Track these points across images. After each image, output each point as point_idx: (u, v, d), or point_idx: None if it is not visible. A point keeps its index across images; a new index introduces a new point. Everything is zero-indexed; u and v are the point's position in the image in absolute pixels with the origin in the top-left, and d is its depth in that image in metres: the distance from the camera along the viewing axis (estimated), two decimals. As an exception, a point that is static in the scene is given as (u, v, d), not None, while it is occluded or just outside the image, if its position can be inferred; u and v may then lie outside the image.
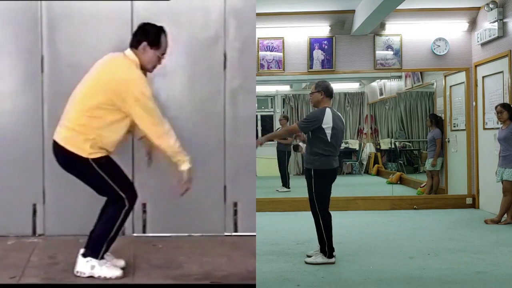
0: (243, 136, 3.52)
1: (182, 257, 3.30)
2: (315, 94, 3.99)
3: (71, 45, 3.38)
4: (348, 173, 9.37)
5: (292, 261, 4.03)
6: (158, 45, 2.85)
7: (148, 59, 2.85)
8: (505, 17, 5.82)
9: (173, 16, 3.40)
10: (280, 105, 9.41)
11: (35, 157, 3.48)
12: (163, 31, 2.89)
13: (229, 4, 3.45)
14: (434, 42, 6.63)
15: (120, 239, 3.09)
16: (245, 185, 3.48)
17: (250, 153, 3.49)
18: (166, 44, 2.90)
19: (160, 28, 2.89)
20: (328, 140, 3.87)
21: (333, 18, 6.59)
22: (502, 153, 5.43)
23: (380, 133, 9.23)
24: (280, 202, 6.73)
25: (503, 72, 5.85)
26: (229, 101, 3.49)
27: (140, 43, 2.83)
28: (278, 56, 6.68)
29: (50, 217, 3.54)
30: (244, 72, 3.48)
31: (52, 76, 3.43)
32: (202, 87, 3.48)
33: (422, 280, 3.48)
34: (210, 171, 3.46)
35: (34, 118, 3.47)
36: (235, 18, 3.45)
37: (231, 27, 3.44)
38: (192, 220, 3.56)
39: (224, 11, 3.44)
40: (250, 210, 3.45)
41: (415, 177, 8.14)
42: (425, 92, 8.04)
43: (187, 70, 3.48)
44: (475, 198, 6.60)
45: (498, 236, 4.87)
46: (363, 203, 6.67)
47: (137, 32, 2.87)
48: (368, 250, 4.35)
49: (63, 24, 3.41)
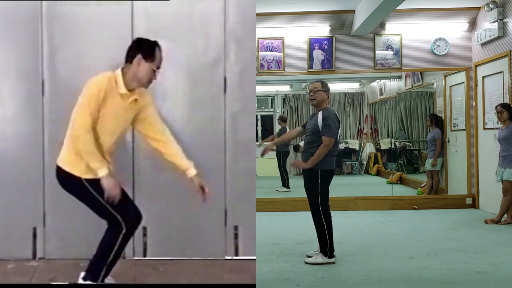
0: (243, 160, 3.50)
1: (182, 281, 3.28)
2: (321, 93, 3.97)
3: (72, 69, 3.38)
4: (348, 173, 9.37)
5: (292, 261, 4.03)
6: (152, 57, 2.83)
7: (143, 72, 2.82)
8: (505, 17, 5.82)
9: (174, 40, 3.42)
10: (280, 105, 9.41)
11: (35, 180, 3.48)
12: (157, 45, 2.89)
13: (229, 28, 3.46)
14: (434, 42, 6.63)
15: (121, 262, 3.08)
16: (246, 209, 3.47)
17: (250, 177, 3.48)
18: (160, 58, 2.89)
19: (154, 42, 2.89)
20: (336, 141, 3.91)
21: (333, 18, 6.59)
22: (502, 153, 5.43)
23: (380, 133, 9.23)
24: (280, 202, 6.74)
25: (503, 72, 5.86)
26: (230, 125, 3.50)
27: (134, 56, 2.82)
28: (278, 56, 6.68)
29: (50, 241, 3.52)
30: (244, 96, 3.48)
31: (52, 100, 3.45)
32: (203, 111, 3.50)
33: (422, 280, 3.48)
34: (211, 195, 3.46)
35: (35, 142, 3.47)
36: (235, 42, 3.46)
37: (231, 51, 3.45)
38: (193, 243, 3.55)
39: (224, 35, 3.45)
40: (251, 234, 3.45)
41: (415, 177, 8.14)
42: (425, 92, 8.04)
43: (188, 93, 3.49)
44: (475, 198, 6.60)
45: (498, 236, 4.87)
46: (363, 203, 6.67)
47: (131, 46, 2.86)
48: (368, 250, 4.35)
49: (63, 49, 3.43)
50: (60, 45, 3.43)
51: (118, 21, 3.41)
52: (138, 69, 2.81)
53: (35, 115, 3.46)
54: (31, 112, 3.46)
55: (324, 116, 3.88)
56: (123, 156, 3.41)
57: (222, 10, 3.45)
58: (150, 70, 2.83)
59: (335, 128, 3.87)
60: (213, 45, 3.46)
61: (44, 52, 3.44)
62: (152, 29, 3.35)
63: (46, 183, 3.47)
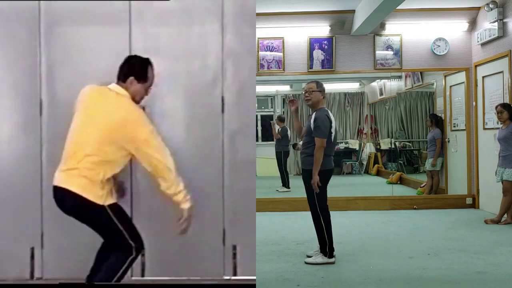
0: (242, 179, 3.47)
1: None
2: (317, 93, 3.99)
3: (70, 89, 3.31)
4: (348, 173, 9.37)
5: (292, 261, 4.03)
6: (145, 78, 2.87)
7: (135, 92, 2.86)
8: (505, 17, 5.82)
9: (172, 59, 3.42)
10: (280, 105, 9.41)
11: (33, 201, 3.45)
12: (149, 63, 2.90)
13: (226, 47, 3.46)
14: (434, 42, 6.63)
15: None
16: (245, 228, 3.43)
17: (249, 197, 3.43)
18: (153, 76, 2.92)
19: (146, 60, 2.90)
20: (331, 141, 3.91)
21: (333, 18, 6.59)
22: (502, 153, 5.43)
23: (380, 133, 9.23)
24: (280, 202, 6.74)
25: (503, 72, 5.86)
26: (228, 144, 3.49)
27: (127, 77, 2.84)
28: (278, 56, 6.68)
29: (48, 261, 3.49)
30: (242, 115, 3.48)
31: (50, 119, 3.44)
32: (201, 130, 3.50)
33: (422, 280, 3.48)
34: (209, 214, 3.45)
35: (33, 162, 3.45)
36: (233, 61, 3.47)
37: (228, 70, 3.47)
38: (191, 263, 3.53)
39: (222, 54, 3.46)
40: (250, 253, 3.40)
41: (415, 177, 8.14)
42: (425, 92, 8.04)
43: (186, 112, 3.49)
44: (475, 198, 6.60)
45: (498, 236, 4.87)
46: (363, 203, 6.67)
47: (123, 66, 2.88)
48: (368, 250, 4.35)
49: (61, 68, 3.42)
50: (58, 64, 3.44)
51: (116, 41, 3.39)
52: (131, 89, 2.85)
53: (33, 135, 3.45)
54: (29, 132, 3.45)
55: (315, 117, 3.92)
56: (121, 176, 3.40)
57: (219, 30, 3.47)
58: (143, 89, 2.88)
59: (325, 128, 3.86)
60: (211, 64, 3.48)
61: (42, 72, 3.45)
62: (150, 49, 3.36)
63: (44, 203, 3.44)
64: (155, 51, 3.36)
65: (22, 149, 3.45)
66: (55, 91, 3.42)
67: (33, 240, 3.48)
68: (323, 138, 3.85)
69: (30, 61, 3.44)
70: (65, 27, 3.42)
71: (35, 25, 3.43)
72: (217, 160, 3.50)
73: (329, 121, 3.90)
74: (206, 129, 3.50)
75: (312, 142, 3.89)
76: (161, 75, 3.19)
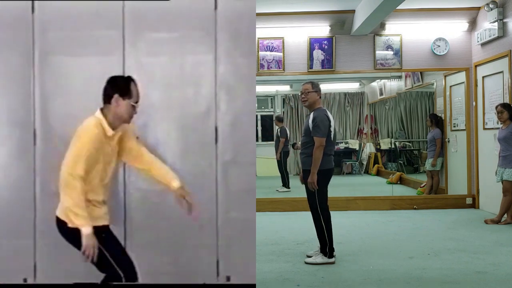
0: (237, 209, 3.41)
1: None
2: (313, 93, 4.00)
3: (63, 119, 3.33)
4: (348, 173, 9.37)
5: (292, 261, 4.03)
6: (129, 94, 2.86)
7: (123, 111, 2.86)
8: (505, 17, 5.82)
9: (165, 90, 3.42)
10: (280, 105, 9.41)
11: (26, 231, 3.40)
12: (132, 80, 2.91)
13: (220, 78, 3.46)
14: (434, 42, 6.63)
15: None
16: (241, 259, 3.34)
17: (249, 226, 3.34)
18: (137, 92, 2.91)
19: (128, 77, 2.92)
20: (331, 139, 3.91)
21: (333, 18, 6.59)
22: (502, 153, 5.43)
23: (380, 133, 9.24)
24: (280, 202, 6.74)
25: (503, 72, 5.86)
26: (221, 174, 3.46)
27: (111, 96, 2.84)
28: (278, 56, 6.68)
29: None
30: (237, 145, 3.46)
31: (44, 149, 3.39)
32: (194, 160, 3.48)
33: (422, 280, 3.48)
34: (202, 245, 3.43)
35: (26, 192, 3.40)
36: (227, 92, 3.46)
37: (222, 101, 3.47)
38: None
39: (215, 85, 3.46)
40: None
41: (415, 177, 8.14)
42: (425, 92, 8.04)
43: (179, 143, 3.48)
44: (475, 198, 6.60)
45: (498, 236, 4.87)
46: (363, 203, 6.67)
47: (106, 87, 2.88)
48: (368, 250, 4.35)
49: (55, 98, 3.40)
50: (51, 94, 3.42)
51: (110, 70, 3.30)
52: (118, 108, 2.84)
53: (27, 164, 3.41)
54: (23, 161, 3.41)
55: (313, 116, 3.94)
56: (115, 207, 3.36)
57: (213, 60, 3.47)
58: (129, 106, 2.87)
59: (324, 127, 3.88)
60: (204, 95, 3.48)
61: (36, 101, 3.42)
62: (143, 79, 3.30)
63: (37, 233, 3.40)
64: (148, 79, 3.35)
65: (16, 178, 3.40)
66: (48, 121, 3.38)
67: (26, 271, 3.42)
68: (322, 137, 3.86)
69: (24, 89, 3.40)
70: (59, 56, 3.40)
71: (29, 53, 3.40)
72: (209, 190, 3.48)
73: (328, 120, 3.92)
74: (200, 159, 3.48)
75: (311, 142, 3.90)
76: (155, 104, 3.23)
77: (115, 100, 2.83)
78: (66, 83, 3.41)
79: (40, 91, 3.43)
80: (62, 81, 3.42)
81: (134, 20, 3.40)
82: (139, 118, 3.29)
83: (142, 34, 3.43)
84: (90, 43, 3.40)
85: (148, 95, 3.08)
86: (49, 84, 3.43)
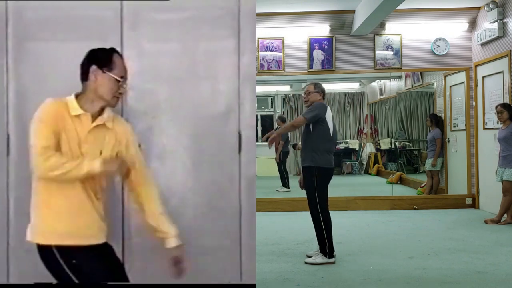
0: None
1: None
2: (314, 93, 4.03)
3: None
4: (348, 173, 9.37)
5: (292, 261, 4.03)
6: (110, 64, 2.23)
7: (103, 86, 2.21)
8: (505, 17, 5.82)
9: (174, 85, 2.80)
10: (280, 105, 9.42)
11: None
12: (115, 51, 2.29)
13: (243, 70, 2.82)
14: (434, 42, 6.63)
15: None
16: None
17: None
18: (123, 66, 2.28)
19: (111, 48, 2.30)
20: (330, 134, 3.91)
21: (333, 18, 6.59)
22: (502, 153, 5.43)
23: (380, 133, 9.23)
24: (280, 202, 6.73)
25: (503, 72, 5.85)
26: (245, 192, 2.81)
27: (88, 70, 2.22)
28: (278, 56, 6.68)
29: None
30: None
31: (19, 160, 2.70)
32: (211, 174, 2.82)
33: (422, 280, 3.48)
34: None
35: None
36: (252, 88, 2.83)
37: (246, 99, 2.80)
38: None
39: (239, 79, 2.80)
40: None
41: (415, 177, 8.14)
42: (425, 92, 8.04)
43: (192, 152, 2.80)
44: (475, 198, 6.60)
45: (498, 236, 4.87)
46: (363, 203, 6.67)
47: (82, 62, 2.26)
48: (368, 250, 4.35)
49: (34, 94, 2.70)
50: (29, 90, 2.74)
51: None
52: (96, 83, 2.21)
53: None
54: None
55: (313, 104, 3.97)
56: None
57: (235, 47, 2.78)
58: (113, 81, 2.22)
59: (319, 111, 3.86)
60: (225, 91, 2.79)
61: (9, 100, 2.76)
62: (147, 71, 2.68)
63: (10, 258, 2.79)
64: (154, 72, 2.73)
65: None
66: (25, 125, 2.37)
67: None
68: (305, 117, 3.88)
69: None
70: (38, 42, 2.68)
71: (1, 40, 2.68)
72: (232, 213, 2.82)
73: (324, 112, 3.90)
74: (219, 173, 2.81)
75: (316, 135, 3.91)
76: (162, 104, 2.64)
77: (93, 74, 2.21)
78: (47, 76, 2.71)
79: (15, 86, 2.74)
80: (42, 74, 2.71)
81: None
82: (142, 121, 2.70)
83: (145, 14, 2.74)
84: (79, 26, 2.68)
85: (153, 91, 2.57)
86: (26, 77, 2.73)
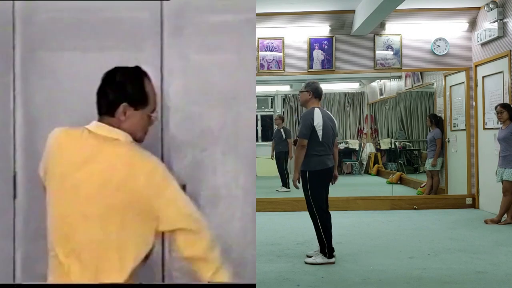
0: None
1: None
2: (304, 93, 4.07)
3: None
4: (348, 173, 9.37)
5: (292, 261, 4.03)
6: (144, 101, 1.87)
7: (136, 125, 1.87)
8: (505, 17, 5.82)
9: (228, 106, 2.42)
10: (280, 105, 9.42)
11: None
12: (144, 74, 1.89)
13: None
14: (434, 42, 6.63)
15: None
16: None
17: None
18: (153, 92, 1.92)
19: (138, 70, 1.88)
20: (319, 140, 3.88)
21: (333, 18, 6.59)
22: (502, 153, 5.43)
23: (380, 133, 9.23)
24: (280, 202, 6.73)
25: (503, 72, 5.85)
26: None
27: (115, 106, 1.83)
28: (278, 56, 6.68)
29: None
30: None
31: (28, 206, 2.30)
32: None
33: (422, 280, 3.48)
34: None
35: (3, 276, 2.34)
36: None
37: None
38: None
39: None
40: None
41: (415, 177, 8.14)
42: (425, 92, 8.04)
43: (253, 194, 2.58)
44: (475, 198, 6.60)
45: (498, 236, 4.87)
46: (363, 203, 6.67)
47: (105, 90, 1.84)
48: (368, 250, 4.35)
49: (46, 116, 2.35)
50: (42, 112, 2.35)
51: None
52: (127, 124, 1.85)
53: (2, 232, 2.39)
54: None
55: (301, 117, 4.03)
56: None
57: None
58: (145, 117, 1.90)
59: (306, 128, 3.86)
60: None
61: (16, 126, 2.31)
62: (193, 86, 2.29)
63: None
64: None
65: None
66: (36, 160, 2.04)
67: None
68: (302, 137, 3.88)
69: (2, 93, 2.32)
70: (55, 53, 2.28)
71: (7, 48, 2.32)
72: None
73: (312, 120, 3.87)
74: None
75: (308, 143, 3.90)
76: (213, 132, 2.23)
77: (123, 112, 1.84)
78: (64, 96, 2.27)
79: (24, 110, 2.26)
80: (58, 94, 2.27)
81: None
82: (188, 154, 2.22)
83: (191, 16, 2.27)
84: (105, 32, 2.22)
85: (202, 115, 2.17)
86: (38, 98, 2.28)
